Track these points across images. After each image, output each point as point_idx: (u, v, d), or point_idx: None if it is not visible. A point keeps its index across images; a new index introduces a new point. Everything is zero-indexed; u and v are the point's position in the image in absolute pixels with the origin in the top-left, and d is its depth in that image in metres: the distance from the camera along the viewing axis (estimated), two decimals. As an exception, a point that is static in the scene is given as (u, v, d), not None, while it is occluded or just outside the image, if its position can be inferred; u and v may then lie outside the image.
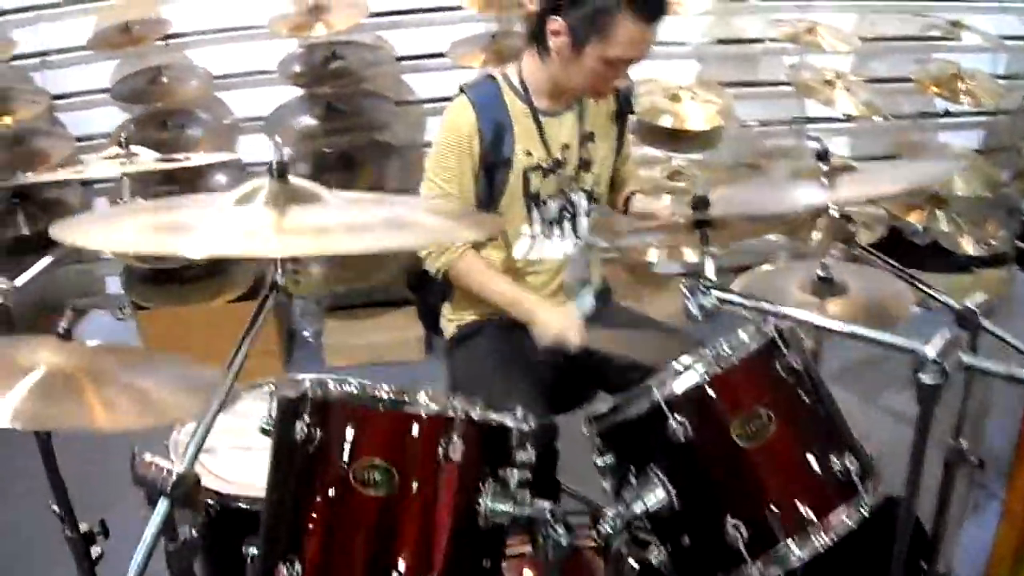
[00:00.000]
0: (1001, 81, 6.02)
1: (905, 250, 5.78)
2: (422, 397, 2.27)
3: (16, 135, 5.38)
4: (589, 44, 2.98)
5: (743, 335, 2.44)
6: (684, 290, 2.39)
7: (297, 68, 5.41)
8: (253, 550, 2.32)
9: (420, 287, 3.51)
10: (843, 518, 2.37)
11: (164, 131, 5.41)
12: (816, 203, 2.75)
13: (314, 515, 2.23)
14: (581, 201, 3.38)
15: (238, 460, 2.84)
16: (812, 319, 2.34)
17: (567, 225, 3.38)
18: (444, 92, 5.36)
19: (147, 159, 3.13)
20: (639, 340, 3.25)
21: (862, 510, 2.39)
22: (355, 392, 2.28)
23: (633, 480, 2.46)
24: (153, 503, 1.98)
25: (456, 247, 3.22)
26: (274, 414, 2.37)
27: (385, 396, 2.27)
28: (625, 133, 3.54)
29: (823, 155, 2.73)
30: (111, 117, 5.52)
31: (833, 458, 2.40)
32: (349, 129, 5.44)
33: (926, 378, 2.00)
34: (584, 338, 2.95)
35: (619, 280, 3.39)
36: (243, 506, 2.70)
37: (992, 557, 3.29)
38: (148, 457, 1.99)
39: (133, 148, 3.15)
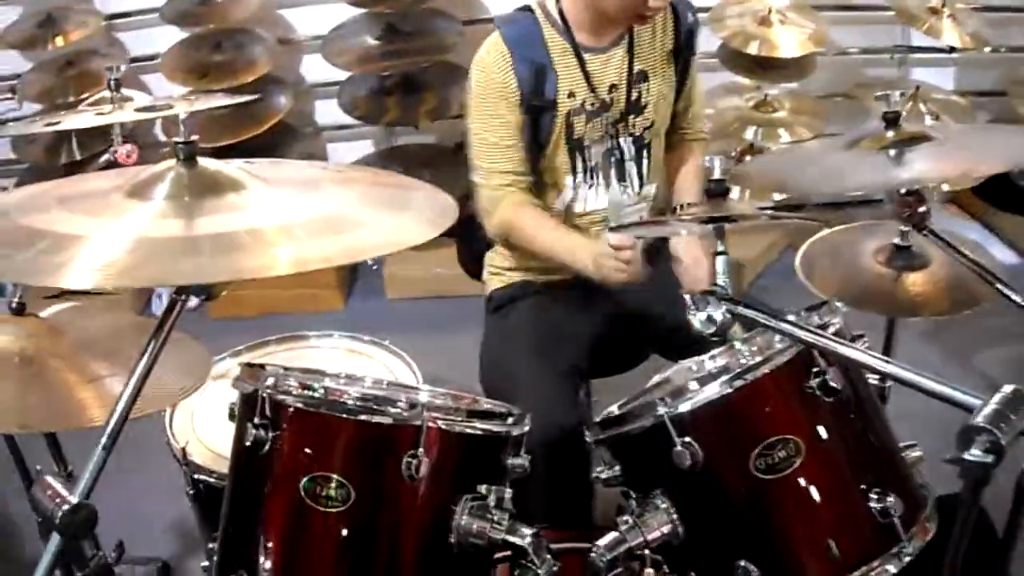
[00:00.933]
0: None
1: (1013, 195, 5.37)
2: (400, 403, 2.01)
3: (69, 57, 5.21)
4: None
5: (772, 339, 2.10)
6: (689, 301, 2.04)
7: (358, -17, 5.08)
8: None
9: (462, 230, 3.19)
10: (878, 570, 2.00)
11: (218, 52, 5.15)
12: (875, 187, 2.37)
13: (269, 528, 2.02)
14: (629, 147, 3.05)
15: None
16: (849, 351, 1.93)
17: (613, 173, 3.05)
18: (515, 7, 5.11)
19: (140, 102, 2.86)
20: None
21: (903, 558, 2.02)
22: (313, 395, 2.02)
23: (634, 505, 2.15)
24: (44, 535, 1.72)
25: (507, 203, 2.95)
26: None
27: (349, 401, 2.01)
28: (689, 76, 3.17)
29: (893, 119, 2.34)
30: (169, 36, 5.28)
31: (873, 497, 2.02)
32: (412, 50, 5.12)
33: (974, 453, 1.58)
34: (637, 260, 2.71)
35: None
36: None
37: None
38: (48, 479, 1.72)
39: (125, 92, 2.88)
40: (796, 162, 2.54)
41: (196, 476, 2.60)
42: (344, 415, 1.99)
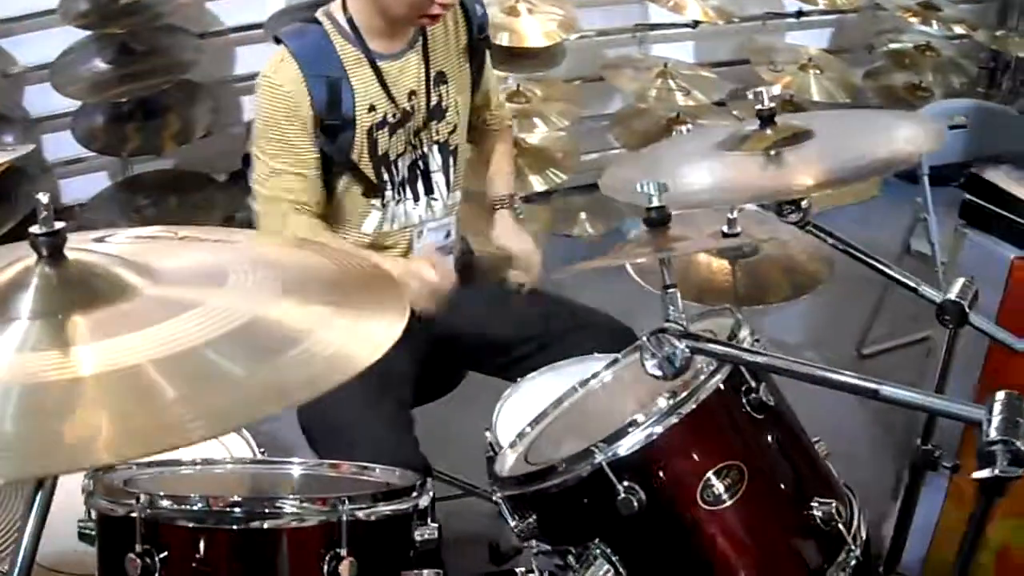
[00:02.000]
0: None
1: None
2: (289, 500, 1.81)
3: None
4: None
5: (700, 365, 1.97)
6: (647, 343, 1.87)
7: (82, 6, 4.69)
8: None
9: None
10: (837, 576, 1.93)
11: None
12: (766, 195, 2.27)
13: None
14: (435, 156, 2.90)
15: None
16: (828, 374, 1.79)
17: (420, 185, 2.89)
18: (254, 17, 4.88)
19: None
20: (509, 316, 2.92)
21: (851, 562, 1.96)
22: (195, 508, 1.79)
23: (572, 561, 2.01)
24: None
25: (294, 219, 2.73)
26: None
27: (237, 511, 1.79)
28: (484, 70, 3.04)
29: (768, 117, 2.25)
30: None
31: (815, 506, 1.97)
32: (149, 72, 4.74)
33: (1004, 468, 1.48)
34: (447, 282, 2.64)
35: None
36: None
37: (937, 534, 2.95)
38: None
39: None
40: (672, 168, 2.39)
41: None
42: (241, 525, 1.79)
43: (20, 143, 4.66)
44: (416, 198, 2.88)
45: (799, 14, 5.73)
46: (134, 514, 1.77)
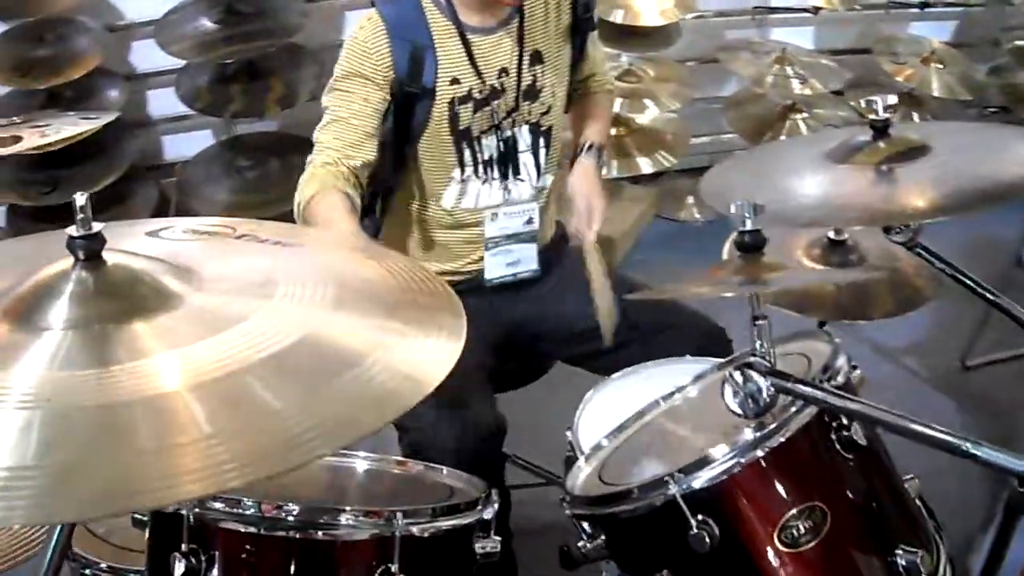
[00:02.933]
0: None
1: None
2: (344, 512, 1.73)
3: None
4: None
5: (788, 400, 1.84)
6: (733, 377, 1.75)
7: (191, -38, 4.69)
8: None
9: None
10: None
11: (41, 45, 4.66)
12: (875, 219, 2.13)
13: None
14: (525, 136, 2.79)
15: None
16: (923, 429, 1.65)
17: (508, 165, 2.79)
18: (364, -20, 4.80)
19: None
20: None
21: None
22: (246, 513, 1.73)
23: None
24: None
25: (326, 172, 2.60)
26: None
27: (289, 519, 1.73)
28: (587, 53, 2.94)
29: (882, 128, 2.12)
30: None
31: (899, 554, 1.83)
32: (255, 34, 4.73)
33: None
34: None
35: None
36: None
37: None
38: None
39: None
40: (778, 177, 2.26)
41: (85, 572, 2.27)
42: (292, 533, 1.73)
43: (124, 98, 4.66)
44: (504, 177, 2.79)
45: (924, 5, 5.51)
46: (183, 511, 1.72)
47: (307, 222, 2.56)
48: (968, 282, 2.16)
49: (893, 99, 2.15)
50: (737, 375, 1.70)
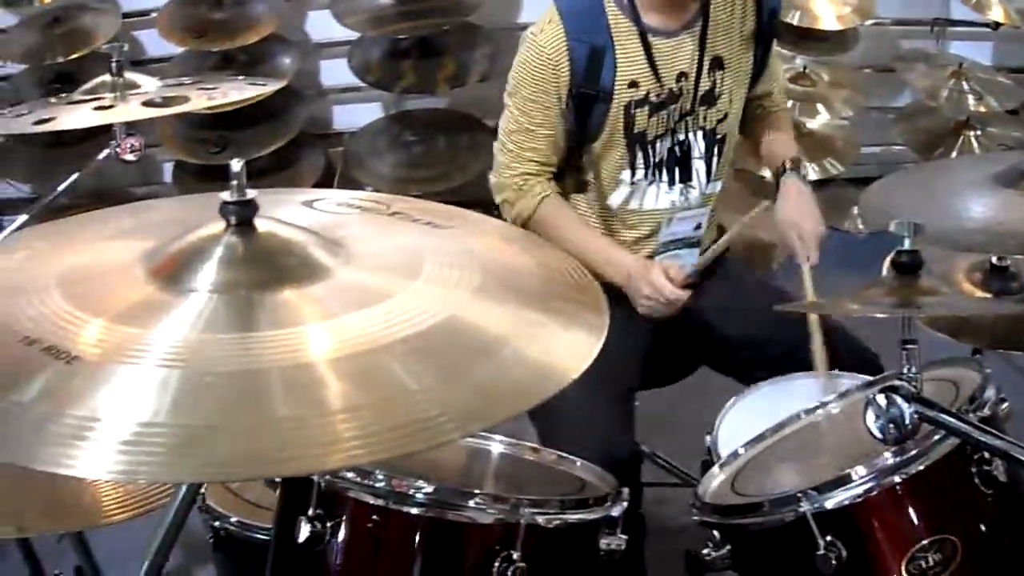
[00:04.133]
0: None
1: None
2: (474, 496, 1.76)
3: (56, 12, 4.83)
4: None
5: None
6: (876, 400, 1.67)
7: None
8: None
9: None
10: None
11: (218, 8, 4.79)
12: None
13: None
14: (699, 142, 2.74)
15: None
16: None
17: (677, 170, 2.75)
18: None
19: (147, 89, 2.52)
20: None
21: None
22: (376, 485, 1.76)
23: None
24: None
25: (535, 193, 2.68)
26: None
27: (418, 495, 1.75)
28: (769, 61, 2.88)
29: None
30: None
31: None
32: (430, 10, 4.78)
33: None
34: (680, 301, 2.52)
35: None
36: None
37: None
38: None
39: (128, 75, 2.53)
40: (943, 197, 2.21)
41: (215, 524, 2.35)
42: (420, 510, 1.76)
43: (296, 66, 4.73)
44: (672, 183, 2.75)
45: (1109, 24, 5.26)
46: (315, 477, 1.75)
47: (534, 229, 2.65)
48: None
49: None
50: (881, 398, 1.65)
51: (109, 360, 1.20)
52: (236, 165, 1.31)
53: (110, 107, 2.43)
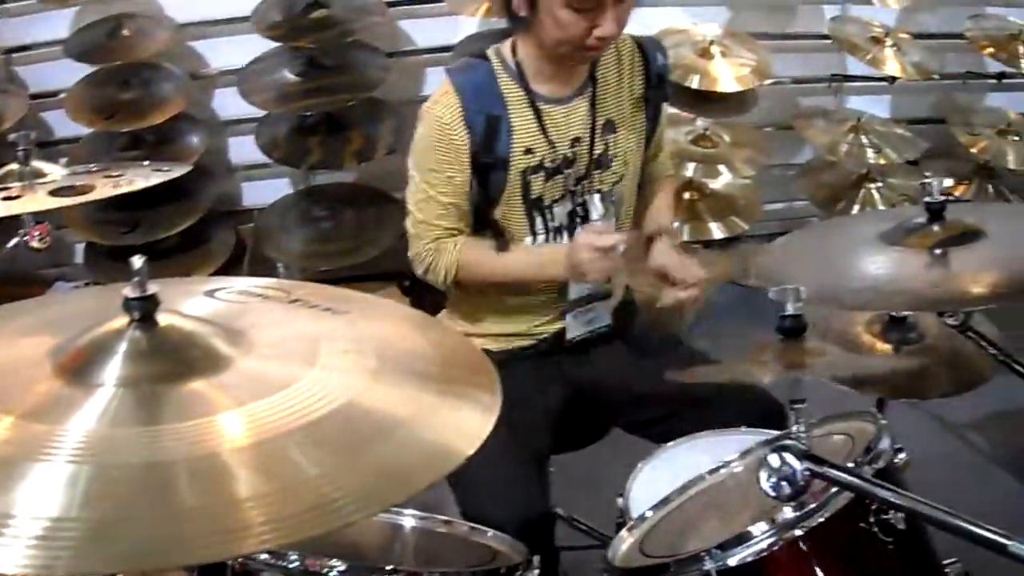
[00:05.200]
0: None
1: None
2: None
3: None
4: None
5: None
6: (768, 460, 1.72)
7: (275, 17, 4.78)
8: None
9: (414, 289, 2.93)
10: None
11: (126, 89, 4.78)
12: (927, 304, 2.12)
13: None
14: (595, 204, 2.76)
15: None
16: (953, 520, 1.57)
17: (578, 232, 2.78)
18: (445, 40, 4.88)
19: (54, 176, 2.54)
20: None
21: None
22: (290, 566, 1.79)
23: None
24: None
25: (449, 249, 2.72)
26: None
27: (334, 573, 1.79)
28: (660, 123, 2.94)
29: (937, 211, 2.13)
30: (71, 72, 4.87)
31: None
32: (335, 87, 4.81)
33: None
34: (615, 240, 2.54)
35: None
36: None
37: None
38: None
39: (35, 164, 2.55)
40: (833, 257, 2.27)
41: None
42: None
43: (205, 145, 4.74)
44: None
45: (1001, 76, 5.41)
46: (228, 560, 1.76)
47: (468, 277, 2.73)
48: (1021, 369, 2.15)
49: (949, 182, 2.15)
50: (773, 457, 1.69)
51: (21, 458, 1.23)
52: (137, 262, 1.34)
53: (17, 197, 2.45)
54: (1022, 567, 1.43)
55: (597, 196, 2.71)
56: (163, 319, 1.40)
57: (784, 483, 1.68)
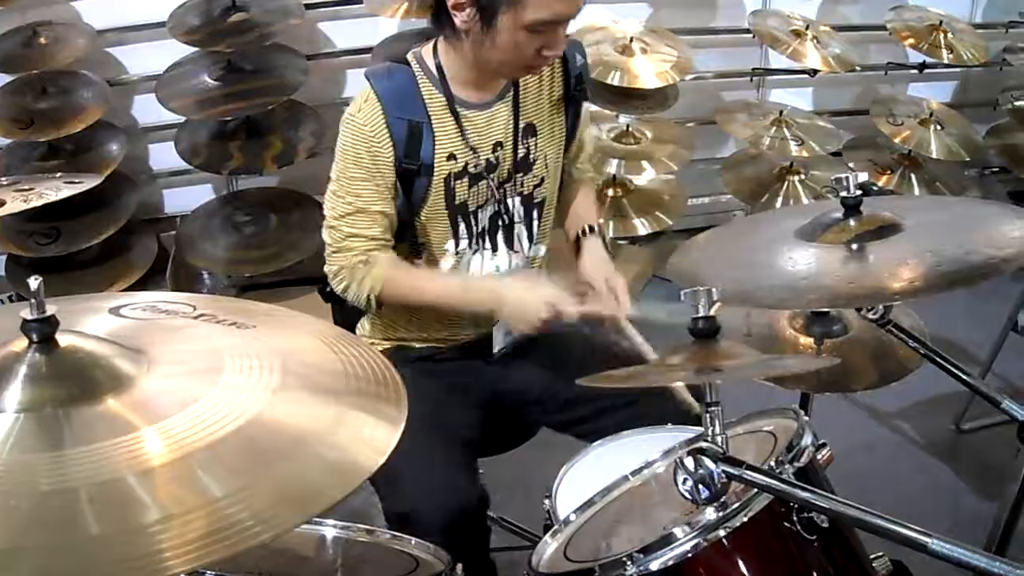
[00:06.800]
0: (977, 30, 5.53)
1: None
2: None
3: None
4: (501, 12, 2.43)
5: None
6: (683, 463, 1.71)
7: (193, 21, 4.71)
8: None
9: (334, 298, 2.89)
10: None
11: (44, 98, 4.70)
12: (844, 301, 2.11)
13: None
14: (518, 208, 2.79)
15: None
16: (873, 519, 1.55)
17: (500, 237, 2.80)
18: (365, 41, 4.85)
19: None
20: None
21: None
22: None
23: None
24: None
25: (380, 263, 2.67)
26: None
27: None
28: (579, 123, 2.93)
29: (853, 206, 2.13)
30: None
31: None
32: (255, 91, 4.74)
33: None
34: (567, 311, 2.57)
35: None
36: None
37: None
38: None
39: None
40: (748, 258, 2.25)
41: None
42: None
43: (124, 152, 4.68)
44: (495, 249, 2.79)
45: (923, 66, 5.48)
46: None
47: (391, 292, 2.69)
48: (941, 361, 2.15)
49: (863, 176, 2.15)
50: (689, 460, 1.68)
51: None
52: (34, 283, 1.30)
53: (-73, 214, 2.40)
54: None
55: None
56: (63, 340, 1.36)
57: (701, 486, 1.67)
